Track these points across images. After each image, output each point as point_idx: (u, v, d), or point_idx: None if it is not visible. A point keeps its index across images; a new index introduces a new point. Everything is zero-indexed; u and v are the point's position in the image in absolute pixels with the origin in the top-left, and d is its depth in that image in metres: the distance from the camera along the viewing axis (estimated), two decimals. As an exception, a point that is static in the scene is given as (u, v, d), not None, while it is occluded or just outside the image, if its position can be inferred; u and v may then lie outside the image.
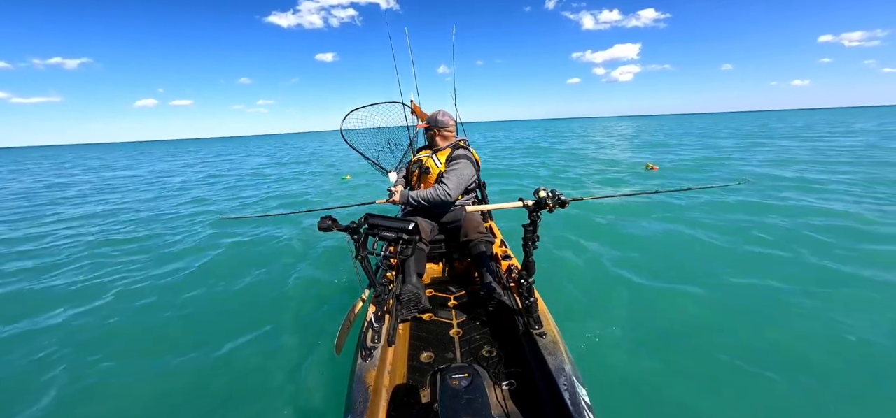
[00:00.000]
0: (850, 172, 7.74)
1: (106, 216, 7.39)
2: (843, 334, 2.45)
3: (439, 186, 2.28)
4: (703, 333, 2.55)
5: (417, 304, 1.96)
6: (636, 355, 2.34)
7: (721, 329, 2.59)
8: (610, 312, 2.82)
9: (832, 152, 11.27)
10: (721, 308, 2.86)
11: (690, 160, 11.36)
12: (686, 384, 2.11)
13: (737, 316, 2.73)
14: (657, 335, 2.55)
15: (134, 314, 3.23)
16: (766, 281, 3.20)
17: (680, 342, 2.48)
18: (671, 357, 2.33)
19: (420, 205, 2.29)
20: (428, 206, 2.31)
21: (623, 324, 2.65)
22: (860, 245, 3.84)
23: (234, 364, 2.50)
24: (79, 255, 4.78)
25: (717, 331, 2.56)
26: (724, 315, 2.76)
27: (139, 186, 11.81)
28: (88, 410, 2.20)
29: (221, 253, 4.63)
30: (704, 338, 2.49)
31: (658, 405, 1.99)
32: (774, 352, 2.33)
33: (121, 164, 22.17)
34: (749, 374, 2.15)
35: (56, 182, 14.17)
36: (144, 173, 16.15)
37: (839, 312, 2.69)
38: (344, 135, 3.22)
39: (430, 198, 2.26)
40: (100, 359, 2.59)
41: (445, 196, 2.25)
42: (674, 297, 3.03)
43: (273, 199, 8.81)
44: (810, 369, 2.18)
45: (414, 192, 2.30)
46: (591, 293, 3.13)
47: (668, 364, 2.26)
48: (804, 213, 4.98)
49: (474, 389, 1.17)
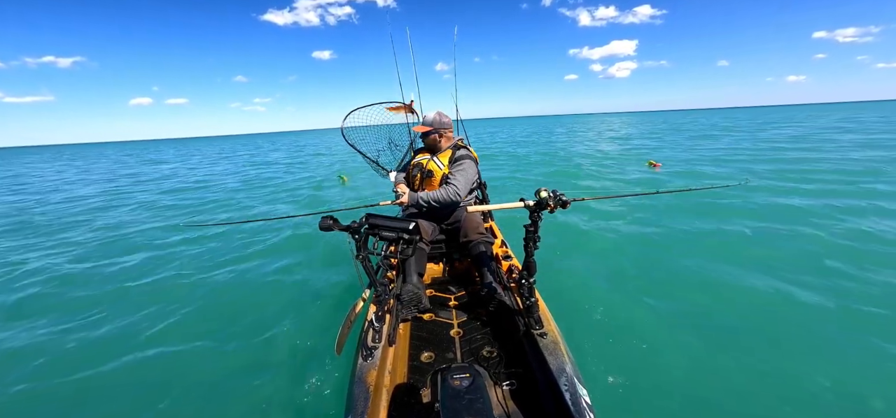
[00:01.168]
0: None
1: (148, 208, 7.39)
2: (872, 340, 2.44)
3: (448, 187, 2.27)
4: (704, 333, 2.55)
5: (418, 304, 1.96)
6: (637, 355, 2.34)
7: (721, 329, 2.59)
8: (610, 312, 2.82)
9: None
10: (722, 308, 2.86)
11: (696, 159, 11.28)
12: (686, 384, 2.11)
13: (738, 317, 2.73)
14: (658, 335, 2.55)
15: (133, 311, 3.23)
16: (768, 281, 3.19)
17: (681, 342, 2.47)
18: (672, 357, 2.33)
19: (430, 206, 2.29)
20: (438, 208, 2.32)
21: (624, 324, 2.65)
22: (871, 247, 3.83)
23: (234, 363, 2.50)
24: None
25: (718, 331, 2.56)
26: (725, 315, 2.76)
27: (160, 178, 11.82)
28: (84, 405, 2.20)
29: (222, 251, 4.63)
30: (705, 339, 2.49)
31: (658, 405, 1.99)
32: (775, 354, 2.33)
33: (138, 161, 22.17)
34: (749, 375, 2.15)
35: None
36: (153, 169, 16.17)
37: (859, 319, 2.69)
38: (344, 135, 3.22)
39: (440, 200, 2.26)
40: (98, 355, 2.59)
41: (455, 196, 2.26)
42: (674, 298, 3.02)
43: (279, 197, 8.81)
44: (812, 371, 2.18)
45: (422, 194, 2.29)
46: (591, 293, 3.13)
47: (669, 364, 2.26)
48: (805, 213, 4.98)
49: (476, 389, 1.17)
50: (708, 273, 3.43)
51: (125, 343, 2.80)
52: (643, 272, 3.51)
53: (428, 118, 2.46)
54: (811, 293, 2.96)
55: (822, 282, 3.13)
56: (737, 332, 2.55)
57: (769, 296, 2.99)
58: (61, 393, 2.31)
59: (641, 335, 2.54)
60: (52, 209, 8.45)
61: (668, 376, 2.17)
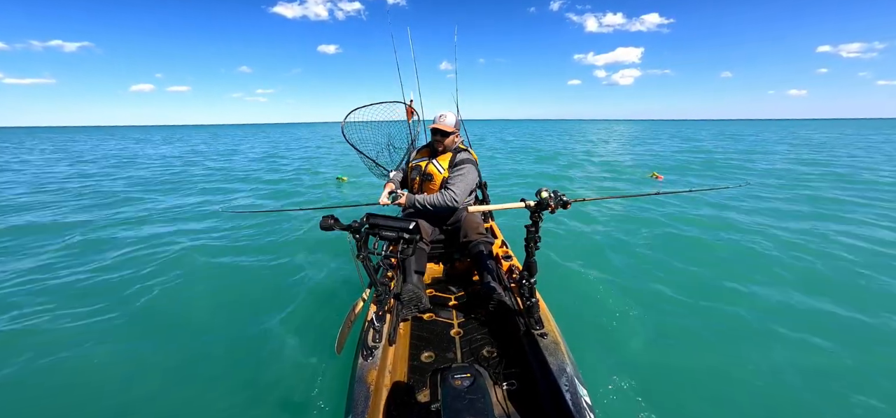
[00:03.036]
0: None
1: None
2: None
3: (446, 193, 2.26)
4: (705, 333, 2.55)
5: (418, 304, 1.95)
6: (637, 355, 2.34)
7: (722, 329, 2.59)
8: (611, 312, 2.82)
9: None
10: (722, 308, 2.86)
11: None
12: (687, 384, 2.11)
13: (738, 317, 2.73)
14: (658, 335, 2.55)
15: (131, 309, 3.23)
16: (771, 283, 3.20)
17: (681, 342, 2.48)
18: (672, 357, 2.33)
19: (426, 209, 2.28)
20: (433, 212, 2.31)
21: (624, 325, 2.65)
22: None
23: (234, 362, 2.49)
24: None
25: (719, 332, 2.56)
26: (726, 315, 2.76)
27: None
28: (82, 400, 2.20)
29: (221, 249, 4.62)
30: (705, 339, 2.49)
31: (659, 405, 1.99)
32: (776, 354, 2.33)
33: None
34: (751, 374, 2.15)
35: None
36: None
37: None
38: (345, 134, 3.22)
39: (437, 204, 2.25)
40: (95, 350, 2.58)
41: (452, 202, 2.24)
42: (675, 299, 3.03)
43: (278, 192, 8.82)
44: (811, 375, 2.18)
45: (419, 196, 2.28)
46: (592, 294, 3.13)
47: (669, 364, 2.26)
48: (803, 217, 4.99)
49: (476, 389, 1.17)
50: (709, 275, 3.43)
51: (123, 339, 2.79)
52: (644, 273, 3.51)
53: (450, 120, 2.36)
54: (815, 297, 2.97)
55: (834, 291, 3.14)
56: (737, 332, 2.55)
57: (769, 295, 2.99)
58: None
59: (642, 335, 2.54)
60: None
61: (668, 376, 2.17)
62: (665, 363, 2.28)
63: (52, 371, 2.44)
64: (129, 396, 2.25)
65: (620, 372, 2.18)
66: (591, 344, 2.44)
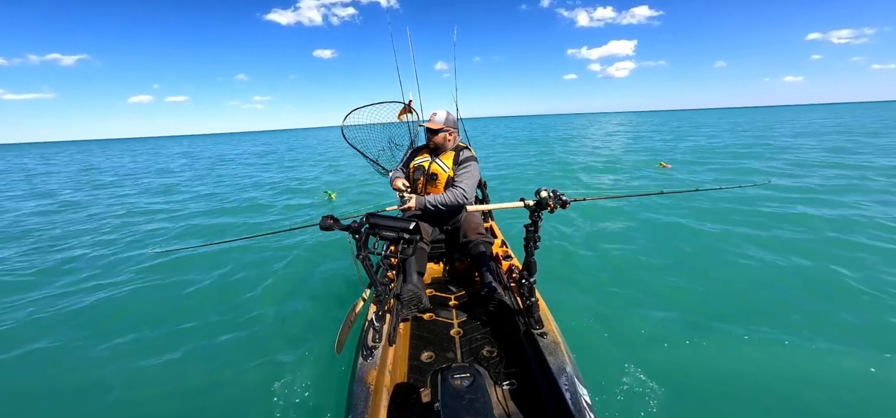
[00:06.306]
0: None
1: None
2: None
3: (455, 190, 2.26)
4: (705, 334, 2.55)
5: (418, 304, 1.95)
6: (637, 355, 2.33)
7: (722, 329, 2.58)
8: (611, 312, 2.82)
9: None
10: (722, 309, 2.85)
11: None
12: (687, 385, 2.11)
13: (739, 318, 2.72)
14: (659, 335, 2.55)
15: (130, 307, 3.23)
16: (774, 283, 3.19)
17: (682, 342, 2.47)
18: (673, 357, 2.33)
19: (438, 210, 2.28)
20: (446, 211, 2.30)
21: (624, 325, 2.65)
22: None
23: (234, 363, 2.50)
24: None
25: (719, 332, 2.56)
26: (726, 316, 2.75)
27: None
28: (83, 405, 2.20)
29: (221, 250, 4.62)
30: (706, 339, 2.48)
31: (659, 405, 1.98)
32: (775, 355, 2.33)
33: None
34: (751, 376, 2.15)
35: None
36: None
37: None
38: (345, 135, 3.21)
39: (448, 203, 2.25)
40: (93, 348, 2.59)
41: (462, 199, 2.25)
42: (676, 298, 3.02)
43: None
44: (814, 379, 2.18)
45: (430, 197, 2.28)
46: (592, 293, 3.13)
47: (670, 364, 2.26)
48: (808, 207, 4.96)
49: (476, 389, 1.17)
50: (710, 274, 3.43)
51: (124, 339, 2.80)
52: (645, 272, 3.50)
53: (440, 117, 2.37)
54: (817, 300, 2.96)
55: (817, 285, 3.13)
56: (738, 333, 2.54)
57: (769, 297, 2.98)
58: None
59: (642, 335, 2.54)
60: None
61: (669, 376, 2.16)
62: (665, 363, 2.28)
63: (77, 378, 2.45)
64: (129, 397, 2.26)
65: (620, 372, 2.18)
66: (591, 343, 2.44)
